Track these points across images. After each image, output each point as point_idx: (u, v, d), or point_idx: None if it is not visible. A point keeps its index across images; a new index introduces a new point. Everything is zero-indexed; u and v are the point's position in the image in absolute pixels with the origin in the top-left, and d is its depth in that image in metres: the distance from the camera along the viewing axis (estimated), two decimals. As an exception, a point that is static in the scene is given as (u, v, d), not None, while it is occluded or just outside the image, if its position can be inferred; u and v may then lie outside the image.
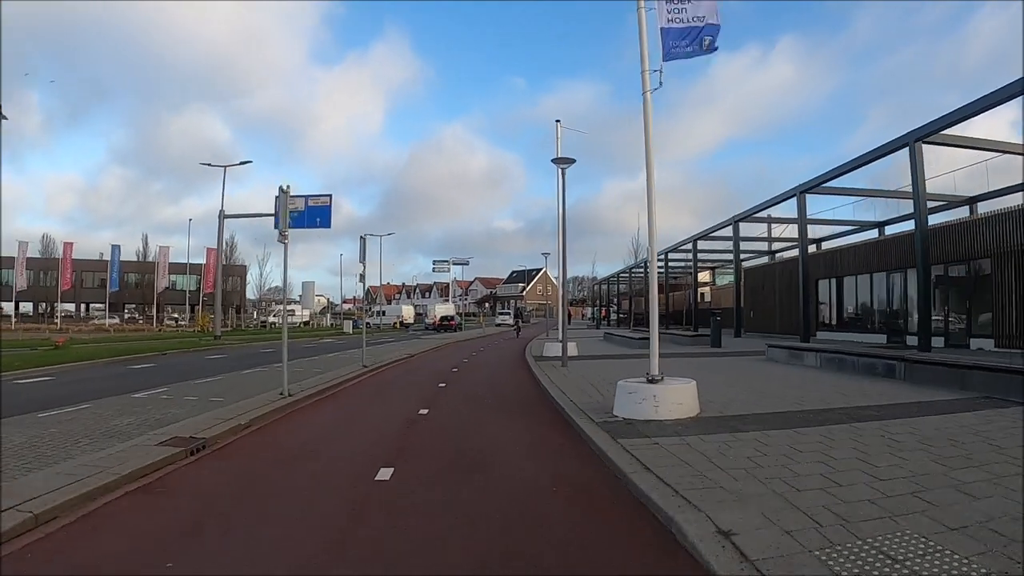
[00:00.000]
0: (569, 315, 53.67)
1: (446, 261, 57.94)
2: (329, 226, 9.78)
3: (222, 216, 26.82)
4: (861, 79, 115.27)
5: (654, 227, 7.16)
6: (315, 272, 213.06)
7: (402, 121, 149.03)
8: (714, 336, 18.17)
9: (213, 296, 56.62)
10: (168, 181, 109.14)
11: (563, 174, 12.38)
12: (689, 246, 31.17)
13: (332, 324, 54.77)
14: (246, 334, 35.27)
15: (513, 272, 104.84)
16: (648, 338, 7.00)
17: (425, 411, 8.15)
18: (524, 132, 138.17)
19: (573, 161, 12.04)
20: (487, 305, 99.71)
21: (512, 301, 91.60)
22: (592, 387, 9.55)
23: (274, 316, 59.56)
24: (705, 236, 29.50)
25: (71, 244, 48.15)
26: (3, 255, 41.80)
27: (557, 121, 14.62)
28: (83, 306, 58.79)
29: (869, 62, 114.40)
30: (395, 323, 54.78)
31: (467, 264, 61.73)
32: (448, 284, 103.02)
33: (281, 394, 8.57)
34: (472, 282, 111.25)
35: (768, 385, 9.26)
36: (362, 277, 15.45)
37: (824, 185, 19.02)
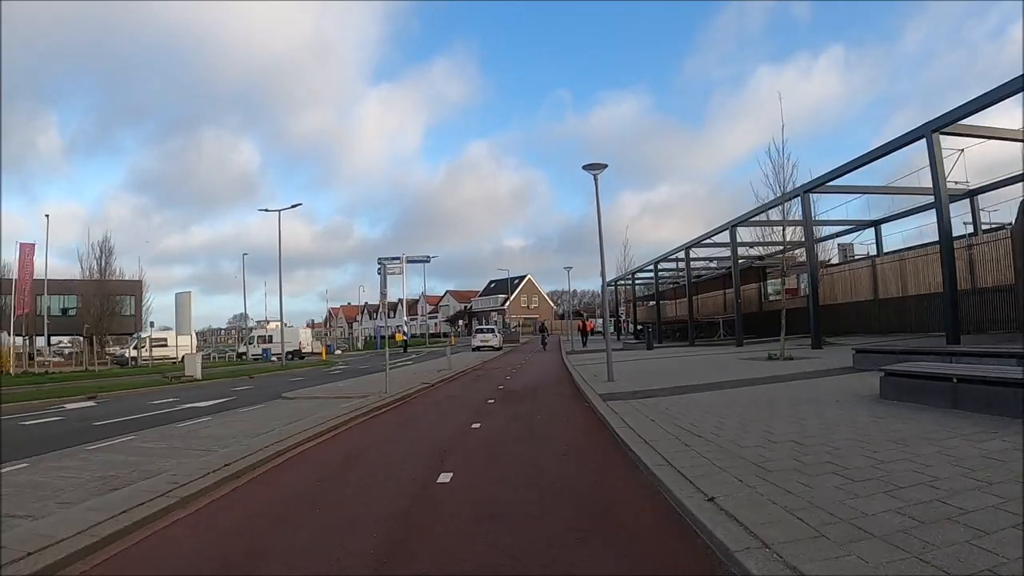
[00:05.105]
0: (581, 328, 35.62)
1: (397, 259, 35.71)
2: None
3: None
4: (900, 89, 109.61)
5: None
6: (308, 298, 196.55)
7: (438, 139, 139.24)
8: None
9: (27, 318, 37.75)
10: (181, 209, 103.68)
11: None
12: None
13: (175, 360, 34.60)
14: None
15: (491, 282, 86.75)
16: None
17: None
18: (556, 147, 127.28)
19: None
20: (461, 323, 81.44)
21: (492, 316, 73.62)
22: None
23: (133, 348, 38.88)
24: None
25: None
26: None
27: None
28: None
29: (910, 72, 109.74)
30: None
31: (427, 262, 42.22)
32: (417, 300, 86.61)
33: None
34: (443, 296, 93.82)
35: None
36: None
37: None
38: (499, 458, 5.58)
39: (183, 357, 24.57)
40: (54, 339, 40.50)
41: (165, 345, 34.78)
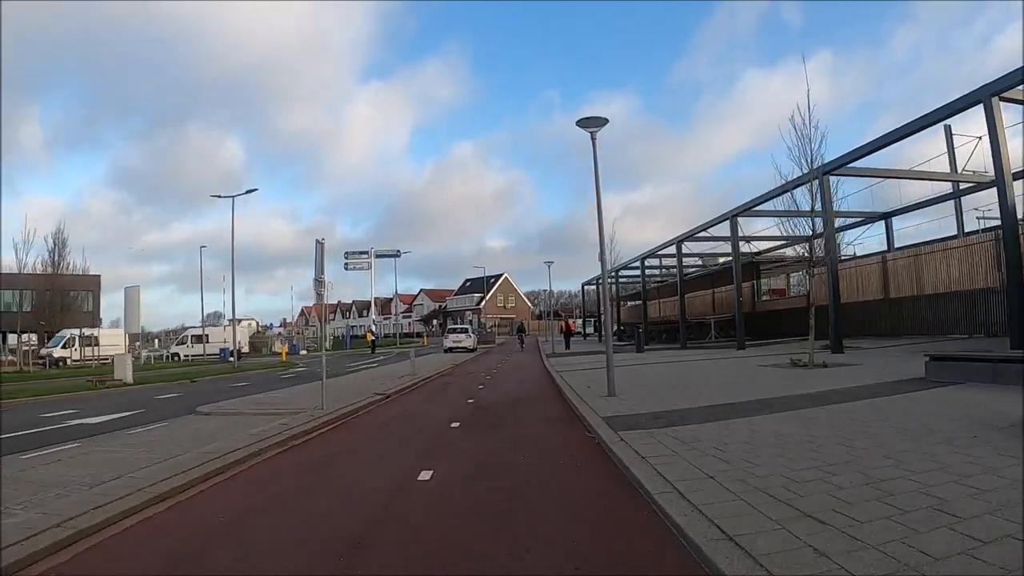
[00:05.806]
0: (563, 328, 33.28)
1: (364, 254, 34.83)
2: None
3: None
4: (886, 96, 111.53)
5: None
6: (286, 297, 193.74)
7: (425, 139, 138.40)
8: None
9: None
10: (161, 205, 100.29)
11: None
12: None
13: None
14: None
15: (467, 281, 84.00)
16: None
17: None
18: (543, 148, 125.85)
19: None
20: (435, 322, 78.57)
21: (467, 315, 71.01)
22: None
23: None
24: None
25: None
26: None
27: None
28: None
29: (897, 77, 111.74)
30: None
31: (397, 256, 40.06)
32: (391, 299, 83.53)
33: None
34: (417, 295, 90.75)
35: None
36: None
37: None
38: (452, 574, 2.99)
39: (112, 358, 21.46)
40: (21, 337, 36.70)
41: (97, 344, 31.12)
